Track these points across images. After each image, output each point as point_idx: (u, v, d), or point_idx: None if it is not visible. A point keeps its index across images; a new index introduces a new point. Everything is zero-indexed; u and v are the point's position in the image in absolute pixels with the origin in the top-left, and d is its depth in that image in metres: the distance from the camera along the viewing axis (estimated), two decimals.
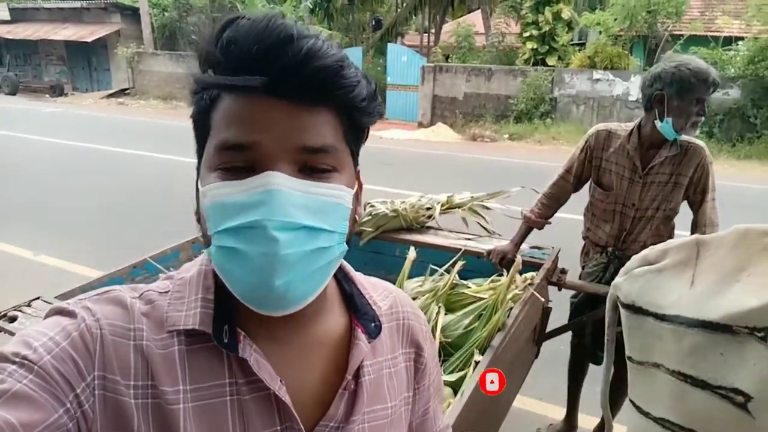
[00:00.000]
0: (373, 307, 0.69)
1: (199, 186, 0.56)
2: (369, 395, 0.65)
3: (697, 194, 2.10)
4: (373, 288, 0.73)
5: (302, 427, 0.59)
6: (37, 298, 1.79)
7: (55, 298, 1.79)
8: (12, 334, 1.60)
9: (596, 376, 1.84)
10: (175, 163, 8.38)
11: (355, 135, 0.60)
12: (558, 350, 2.87)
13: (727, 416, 1.30)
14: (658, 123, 1.98)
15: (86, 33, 19.33)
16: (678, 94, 1.91)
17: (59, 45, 20.72)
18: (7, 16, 21.34)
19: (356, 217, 0.62)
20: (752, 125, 10.72)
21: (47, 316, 0.56)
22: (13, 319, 1.68)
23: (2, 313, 1.71)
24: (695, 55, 2.08)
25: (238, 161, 0.53)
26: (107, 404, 0.52)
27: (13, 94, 19.73)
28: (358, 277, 0.72)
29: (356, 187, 0.61)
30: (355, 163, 0.62)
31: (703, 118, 1.94)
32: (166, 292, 0.60)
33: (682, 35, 12.19)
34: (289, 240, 0.51)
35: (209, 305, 0.58)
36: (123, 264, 2.06)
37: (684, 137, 2.05)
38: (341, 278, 0.70)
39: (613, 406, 2.14)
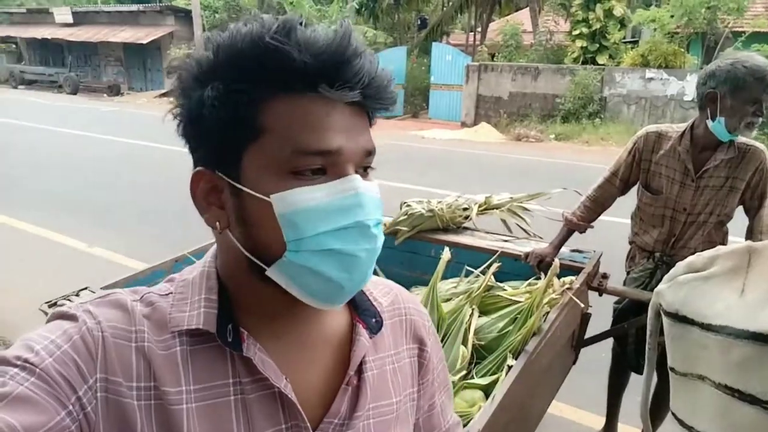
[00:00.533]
0: (374, 303, 0.70)
1: (253, 192, 0.54)
2: (373, 391, 0.66)
3: (755, 200, 1.99)
4: (373, 285, 0.74)
5: (308, 425, 0.59)
6: (85, 288, 1.87)
7: (102, 288, 1.86)
8: None
9: (638, 387, 1.76)
10: None
11: None
12: (599, 357, 2.77)
13: None
14: (709, 123, 1.88)
15: (142, 35, 20.18)
16: (731, 93, 1.81)
17: (117, 47, 21.72)
18: (70, 19, 22.55)
19: None
20: None
21: (49, 320, 0.57)
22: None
23: (52, 302, 1.79)
24: (757, 53, 1.95)
25: (314, 165, 0.54)
26: (110, 406, 0.53)
27: (74, 93, 20.79)
28: None
29: None
30: None
31: (760, 119, 1.82)
32: (167, 294, 0.61)
33: (743, 32, 11.56)
34: (379, 235, 0.57)
35: (213, 305, 0.58)
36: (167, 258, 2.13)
37: (742, 139, 1.95)
38: None
39: (655, 419, 2.06)
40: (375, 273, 0.66)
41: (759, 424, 1.25)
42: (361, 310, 0.69)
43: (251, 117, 0.53)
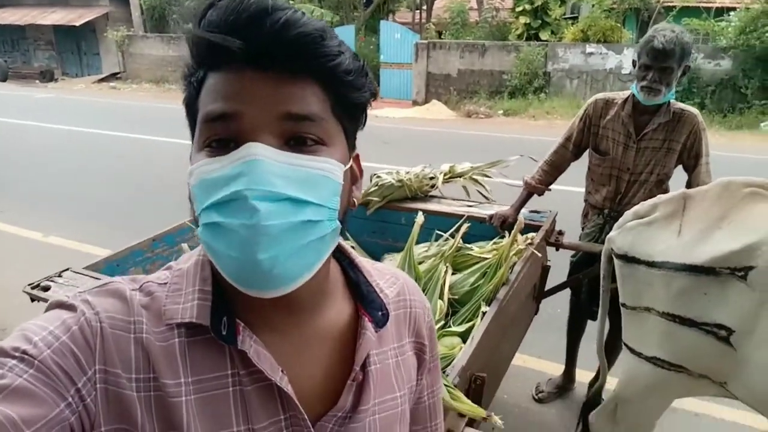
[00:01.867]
0: (380, 295, 0.67)
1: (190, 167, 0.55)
2: (377, 385, 0.64)
3: (691, 159, 2.20)
4: (379, 275, 0.71)
5: (306, 416, 0.58)
6: (67, 269, 1.89)
7: (84, 268, 1.90)
8: (47, 301, 1.72)
9: (593, 334, 1.98)
10: (171, 146, 8.43)
11: (346, 110, 0.58)
12: (555, 313, 3.03)
13: (712, 350, 1.45)
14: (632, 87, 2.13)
15: (74, 17, 19.09)
16: (636, 60, 2.08)
17: (47, 30, 20.46)
18: None
19: (353, 200, 0.61)
20: (743, 96, 10.84)
21: (47, 309, 0.56)
22: (46, 288, 1.79)
23: (36, 283, 1.82)
24: (687, 27, 2.18)
25: (221, 133, 0.52)
26: (109, 398, 0.52)
27: (3, 80, 19.52)
28: (364, 264, 0.70)
29: (349, 165, 0.60)
30: (351, 144, 0.61)
31: (658, 86, 2.01)
32: (165, 283, 0.59)
33: (674, 6, 12.20)
34: (272, 210, 0.49)
35: (207, 297, 0.57)
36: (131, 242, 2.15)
37: (678, 104, 2.16)
38: (346, 265, 0.69)
39: (610, 358, 2.30)
40: (346, 240, 0.67)
41: (696, 343, 1.48)
42: (367, 302, 0.66)
43: (195, 100, 0.55)
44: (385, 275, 0.72)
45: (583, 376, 2.73)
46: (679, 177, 2.30)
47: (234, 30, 0.50)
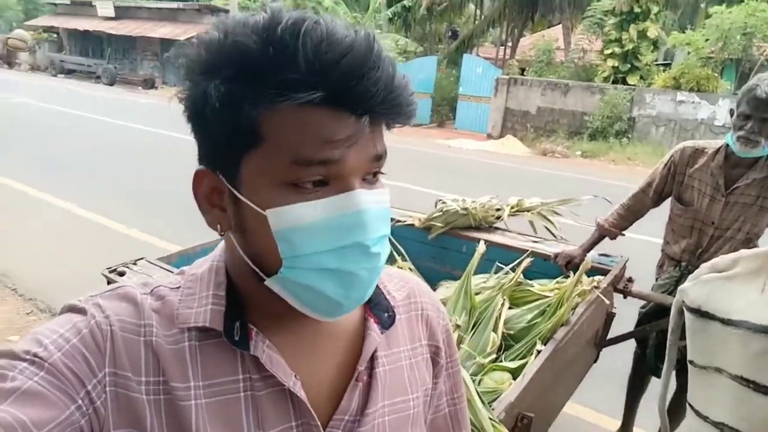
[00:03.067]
0: (387, 297, 0.68)
1: (250, 203, 0.52)
2: (386, 387, 0.64)
3: None
4: (388, 278, 0.72)
5: (318, 423, 0.58)
6: (142, 258, 2.03)
7: (158, 260, 2.03)
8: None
9: (655, 394, 1.86)
10: None
11: None
12: (615, 366, 2.86)
13: None
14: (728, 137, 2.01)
15: (180, 32, 20.72)
16: (735, 108, 1.96)
17: (155, 42, 22.34)
18: (111, 13, 23.30)
19: None
20: None
21: (60, 313, 0.57)
22: (122, 274, 1.92)
23: (113, 268, 1.96)
24: None
25: (315, 176, 0.51)
26: (119, 401, 0.52)
27: (111, 84, 21.43)
28: None
29: None
30: None
31: (757, 136, 1.90)
32: (178, 287, 0.60)
33: None
34: (381, 251, 0.54)
35: (220, 302, 0.57)
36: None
37: None
38: None
39: (673, 420, 2.14)
40: (404, 261, 0.68)
41: None
42: (374, 304, 0.67)
43: (251, 123, 0.49)
44: (394, 279, 0.73)
45: None
46: None
47: (348, 78, 0.48)
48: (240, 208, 0.53)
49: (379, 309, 0.66)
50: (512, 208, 2.59)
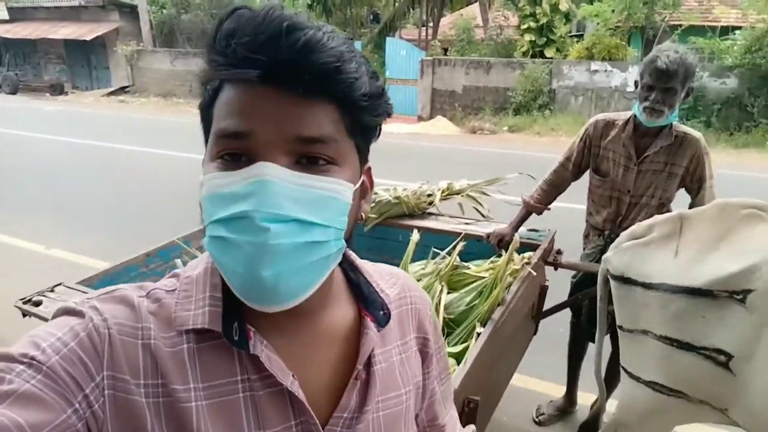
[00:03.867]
0: (381, 295, 0.69)
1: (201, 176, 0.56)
2: (382, 384, 0.65)
3: (694, 183, 2.15)
4: (380, 276, 0.72)
5: (317, 421, 0.59)
6: (60, 284, 1.88)
7: (77, 284, 1.88)
8: (38, 316, 1.70)
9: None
10: (176, 159, 8.49)
11: (360, 130, 0.58)
12: (557, 332, 2.97)
13: (711, 375, 1.41)
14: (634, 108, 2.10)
15: (85, 31, 19.40)
16: (639, 80, 2.03)
17: (58, 44, 20.79)
18: (5, 15, 21.38)
19: (362, 214, 0.62)
20: (749, 114, 10.80)
21: (55, 315, 0.56)
22: (37, 304, 1.78)
23: (27, 298, 1.81)
24: (693, 46, 2.15)
25: (234, 149, 0.53)
26: (118, 404, 0.52)
27: (14, 93, 19.79)
28: (364, 266, 0.71)
29: (360, 183, 0.60)
30: (363, 159, 0.61)
31: (661, 107, 1.96)
32: (173, 290, 0.60)
33: (680, 25, 12.24)
34: (279, 231, 0.51)
35: (218, 303, 0.57)
36: (130, 256, 2.14)
37: (681, 127, 2.12)
38: (347, 268, 0.69)
39: (611, 382, 2.25)
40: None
41: (695, 368, 1.44)
42: (369, 302, 0.67)
43: (211, 106, 0.56)
44: (385, 276, 0.74)
45: (586, 398, 2.67)
46: (682, 201, 2.26)
47: (253, 49, 0.50)
48: None
49: (374, 307, 0.67)
50: (443, 192, 2.61)
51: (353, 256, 0.70)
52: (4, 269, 4.28)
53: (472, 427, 0.92)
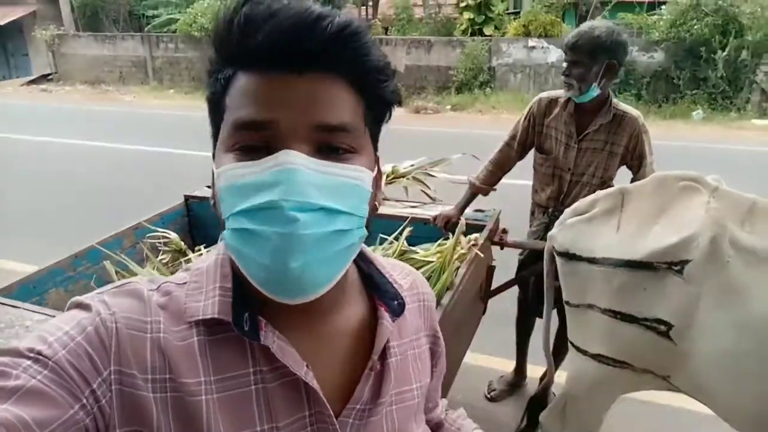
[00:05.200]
0: (394, 285, 0.68)
1: (214, 168, 0.55)
2: (396, 377, 0.65)
3: (634, 160, 2.18)
4: (391, 267, 0.72)
5: (331, 411, 0.58)
6: None
7: None
8: None
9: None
10: (108, 151, 8.02)
11: (375, 115, 0.58)
12: (506, 309, 3.02)
13: (653, 345, 1.44)
14: None
15: None
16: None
17: None
18: None
19: (375, 203, 0.61)
20: (676, 86, 11.32)
21: (68, 309, 0.56)
22: None
23: None
24: (622, 21, 2.21)
25: (254, 140, 0.52)
26: (124, 399, 0.51)
27: None
28: (376, 257, 0.71)
29: (376, 171, 0.59)
30: (375, 147, 0.61)
31: (567, 79, 2.06)
32: (184, 283, 0.59)
33: (609, 1, 12.63)
34: (307, 220, 0.50)
35: (227, 293, 0.57)
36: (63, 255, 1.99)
37: (621, 106, 2.15)
38: (359, 259, 0.68)
39: (559, 355, 2.30)
40: None
41: (638, 339, 1.48)
42: (382, 293, 0.67)
43: (222, 96, 0.54)
44: (397, 267, 0.74)
45: (535, 371, 2.74)
46: (625, 180, 2.30)
47: (277, 36, 0.50)
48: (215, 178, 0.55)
49: (387, 297, 0.66)
50: (388, 176, 2.57)
51: (365, 248, 0.69)
52: None
53: (462, 410, 0.92)
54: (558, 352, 2.28)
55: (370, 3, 18.28)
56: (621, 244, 1.46)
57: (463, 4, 13.81)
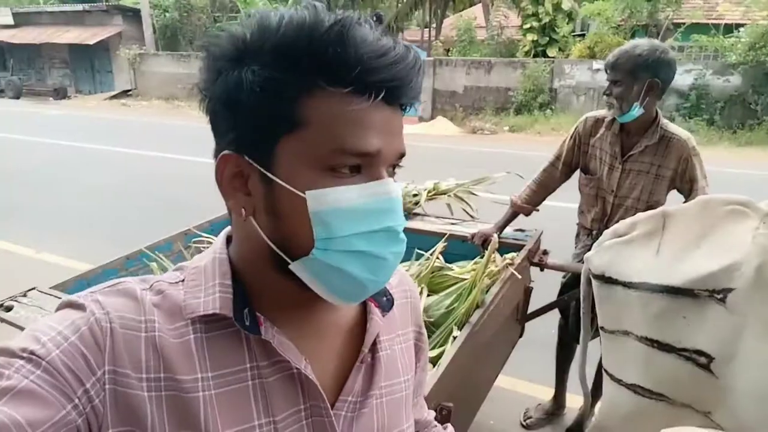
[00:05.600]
0: None
1: (287, 185, 0.53)
2: (386, 370, 0.67)
3: (685, 184, 2.07)
4: None
5: (327, 404, 0.59)
6: (33, 288, 1.83)
7: (51, 288, 1.83)
8: (9, 323, 1.66)
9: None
10: (176, 162, 8.47)
11: None
12: (548, 334, 2.91)
13: (693, 377, 1.34)
14: None
15: (88, 35, 19.48)
16: None
17: (62, 48, 20.88)
18: (10, 20, 21.52)
19: None
20: (753, 111, 10.68)
21: (58, 309, 0.56)
22: (9, 309, 1.73)
23: None
24: (696, 43, 2.15)
25: (352, 163, 0.53)
26: (118, 399, 0.51)
27: (17, 98, 19.90)
28: None
29: None
30: None
31: (613, 100, 2.01)
32: (177, 282, 0.60)
33: (683, 23, 12.14)
34: (404, 238, 0.58)
35: (228, 290, 0.58)
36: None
37: (670, 127, 2.05)
38: None
39: (599, 385, 2.18)
40: None
41: (676, 370, 1.38)
42: None
43: (292, 108, 0.52)
44: None
45: (576, 401, 2.61)
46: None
47: (389, 69, 0.52)
48: (273, 191, 0.54)
49: (377, 294, 0.68)
50: (429, 192, 2.56)
51: None
52: None
53: (449, 426, 0.91)
54: (598, 381, 2.16)
55: (434, 25, 18.47)
56: (660, 269, 1.38)
57: (526, 26, 13.69)
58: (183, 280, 0.60)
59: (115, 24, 20.00)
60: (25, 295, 1.80)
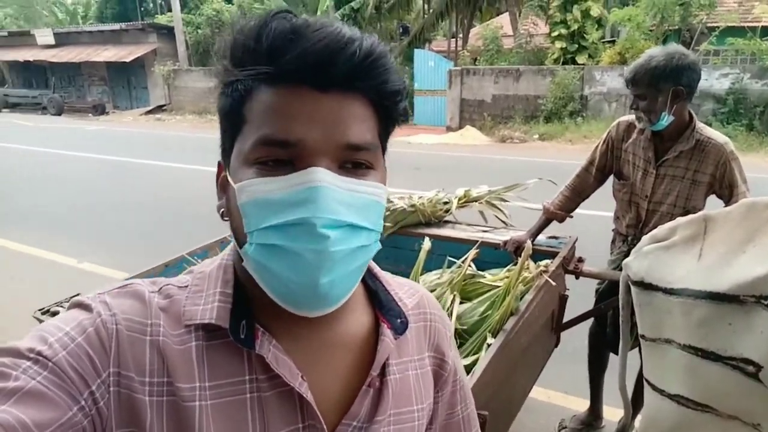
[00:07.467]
0: (399, 304, 0.67)
1: (231, 181, 0.55)
2: (395, 396, 0.63)
3: (724, 189, 2.01)
4: (398, 286, 0.71)
5: (324, 425, 0.57)
6: (77, 295, 1.89)
7: None
8: None
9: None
10: (209, 174, 8.65)
11: (387, 132, 0.60)
12: (584, 346, 2.84)
13: (740, 387, 1.29)
14: None
15: (125, 53, 20.21)
16: None
17: (101, 66, 21.74)
18: (51, 40, 22.52)
19: None
20: None
21: (68, 308, 0.56)
22: (54, 314, 1.80)
23: (45, 309, 1.84)
24: (732, 47, 2.10)
25: (279, 155, 0.52)
26: (122, 401, 0.52)
27: (59, 114, 20.73)
28: (383, 275, 0.70)
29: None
30: (384, 162, 0.62)
31: (636, 113, 1.99)
32: (186, 286, 0.59)
33: (717, 27, 11.83)
34: (337, 237, 0.51)
35: (227, 299, 0.57)
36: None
37: (706, 132, 2.00)
38: (365, 275, 0.67)
39: (639, 397, 2.11)
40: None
41: (723, 380, 1.33)
42: (386, 310, 0.66)
43: (240, 107, 0.54)
44: (404, 286, 0.72)
45: (615, 414, 2.54)
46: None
47: (311, 54, 0.51)
48: (229, 190, 0.55)
49: (391, 315, 0.66)
50: (460, 199, 2.55)
51: (372, 264, 0.68)
52: (34, 282, 4.42)
53: None
54: (638, 393, 2.10)
55: (460, 35, 18.48)
56: (703, 274, 1.33)
57: (555, 34, 13.56)
58: (188, 285, 0.59)
59: (150, 42, 20.69)
60: (68, 302, 1.86)
